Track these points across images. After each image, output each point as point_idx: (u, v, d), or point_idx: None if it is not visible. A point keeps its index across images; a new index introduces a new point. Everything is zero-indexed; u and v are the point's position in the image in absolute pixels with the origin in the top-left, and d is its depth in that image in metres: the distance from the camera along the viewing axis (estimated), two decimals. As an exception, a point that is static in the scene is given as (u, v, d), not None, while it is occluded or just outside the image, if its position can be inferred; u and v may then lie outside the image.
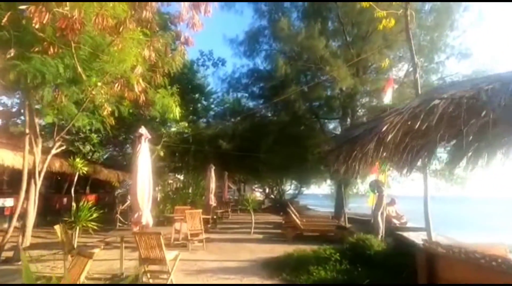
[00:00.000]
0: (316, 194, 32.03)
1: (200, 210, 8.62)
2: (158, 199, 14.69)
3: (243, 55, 15.66)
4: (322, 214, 15.72)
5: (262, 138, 15.62)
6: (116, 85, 5.62)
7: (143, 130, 5.66)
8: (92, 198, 18.66)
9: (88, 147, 10.48)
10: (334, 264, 5.70)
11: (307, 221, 11.22)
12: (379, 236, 6.94)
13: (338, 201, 15.15)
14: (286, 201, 25.84)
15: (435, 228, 9.52)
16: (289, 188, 27.83)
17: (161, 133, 11.98)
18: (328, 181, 22.10)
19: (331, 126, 16.82)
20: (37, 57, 4.69)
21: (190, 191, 19.17)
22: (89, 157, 17.64)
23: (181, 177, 23.57)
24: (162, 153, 11.82)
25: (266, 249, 8.43)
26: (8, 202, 10.56)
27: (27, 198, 5.81)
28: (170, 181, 26.92)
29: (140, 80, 5.83)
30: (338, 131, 16.10)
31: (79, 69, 5.14)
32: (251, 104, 16.68)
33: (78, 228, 7.28)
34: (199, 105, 17.82)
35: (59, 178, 14.37)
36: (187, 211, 8.49)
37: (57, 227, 5.20)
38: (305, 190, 27.29)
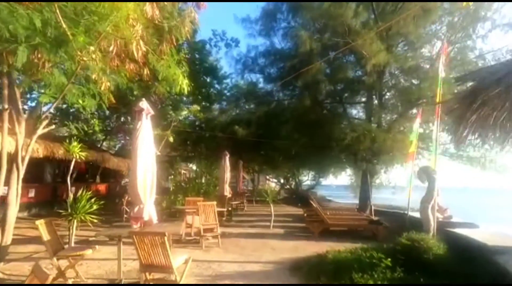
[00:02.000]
0: (330, 185, 30.81)
1: (214, 202, 7.55)
2: (171, 189, 13.75)
3: (259, 34, 14.37)
4: (347, 207, 14.49)
5: (279, 125, 14.41)
6: (112, 48, 4.50)
7: (144, 103, 4.56)
8: (102, 187, 17.99)
9: (86, 129, 9.47)
10: (384, 271, 4.51)
11: (332, 214, 10.05)
12: (430, 234, 5.71)
13: (363, 192, 13.86)
14: (304, 192, 24.79)
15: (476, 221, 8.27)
16: (306, 178, 26.61)
17: (171, 117, 10.90)
18: (348, 171, 20.89)
19: (354, 111, 15.42)
20: (4, 5, 3.62)
21: (203, 181, 18.28)
22: (99, 145, 16.90)
23: (194, 167, 22.71)
24: (172, 139, 10.77)
25: (290, 247, 7.32)
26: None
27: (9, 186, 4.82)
28: (184, 171, 26.19)
29: (141, 43, 4.69)
30: (363, 117, 14.70)
31: (64, 25, 4.05)
32: (268, 87, 15.42)
33: (75, 221, 6.32)
34: (211, 89, 16.66)
35: (67, 166, 13.57)
36: (200, 203, 7.42)
37: (39, 223, 4.18)
38: (323, 181, 26.03)
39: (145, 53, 5.01)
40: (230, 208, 11.57)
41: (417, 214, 9.43)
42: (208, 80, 16.42)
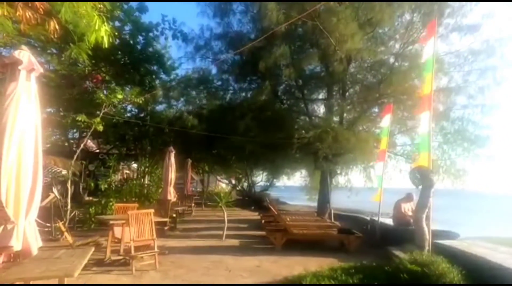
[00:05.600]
0: (281, 186, 30.04)
1: (151, 210, 5.74)
2: (102, 192, 11.42)
3: (213, 15, 12.65)
4: (306, 211, 13.40)
5: (234, 120, 12.81)
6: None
7: (23, 54, 2.72)
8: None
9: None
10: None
11: (293, 220, 8.76)
12: (425, 250, 4.60)
13: (322, 194, 12.88)
14: (257, 193, 23.48)
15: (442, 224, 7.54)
16: (260, 179, 25.36)
17: (99, 100, 8.69)
18: (304, 172, 20.06)
19: (316, 107, 14.37)
20: None
21: (145, 182, 16.04)
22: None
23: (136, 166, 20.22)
24: (101, 128, 8.63)
25: (250, 266, 5.78)
26: None
27: None
28: (127, 171, 23.33)
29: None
30: (325, 113, 13.71)
31: None
32: (223, 77, 13.74)
33: None
34: (157, 80, 14.55)
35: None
36: (131, 212, 5.56)
37: None
38: (276, 182, 24.97)
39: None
40: (174, 215, 9.73)
41: (388, 220, 8.57)
42: (152, 68, 14.28)
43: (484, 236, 10.06)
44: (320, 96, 14.07)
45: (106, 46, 3.57)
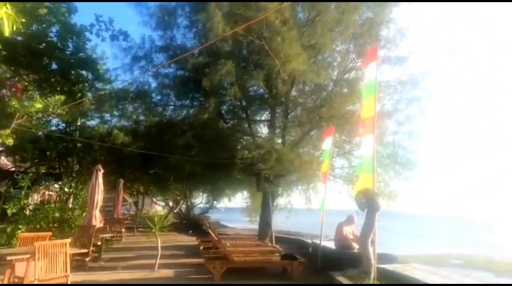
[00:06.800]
0: (220, 208, 29.34)
1: (67, 241, 4.79)
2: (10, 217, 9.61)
3: (156, 28, 12.02)
4: (247, 235, 12.90)
5: (174, 139, 12.04)
6: None
7: None
8: None
9: None
10: None
11: (234, 245, 8.25)
12: (371, 277, 4.45)
13: (264, 217, 12.58)
14: (196, 216, 22.36)
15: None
16: (199, 201, 24.31)
17: (11, 109, 7.35)
18: (245, 193, 19.71)
19: (258, 128, 14.27)
20: None
21: (69, 205, 14.14)
22: None
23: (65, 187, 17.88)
24: (11, 141, 7.28)
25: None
26: None
27: None
28: (50, 192, 20.49)
29: None
30: (267, 134, 13.65)
31: None
32: (163, 91, 12.92)
33: None
34: (90, 90, 13.11)
35: None
36: (38, 243, 4.55)
37: None
38: (217, 204, 24.15)
39: None
40: (99, 243, 8.52)
41: (329, 244, 8.50)
42: (83, 74, 12.85)
43: (404, 255, 10.69)
44: (264, 117, 14.08)
45: (7, 34, 2.84)
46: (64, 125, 16.30)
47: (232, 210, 28.39)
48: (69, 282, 4.59)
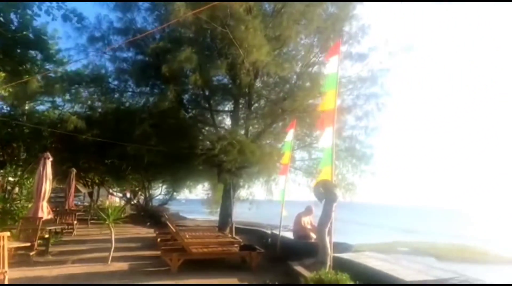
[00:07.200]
0: (180, 200, 28.92)
1: (5, 234, 4.39)
2: None
3: (114, 9, 11.29)
4: (207, 226, 12.75)
5: (132, 127, 11.48)
6: None
7: None
8: None
9: None
10: None
11: (193, 237, 8.12)
12: (327, 266, 4.58)
13: (224, 208, 12.55)
14: (155, 208, 21.76)
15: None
16: (158, 192, 23.66)
17: None
18: (206, 185, 19.50)
19: (221, 118, 14.05)
20: None
21: (14, 195, 13.06)
22: None
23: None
24: None
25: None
26: None
27: None
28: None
29: None
30: (230, 125, 13.50)
31: None
32: (121, 77, 12.19)
33: None
34: (36, 68, 11.98)
35: None
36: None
37: None
38: (177, 195, 23.66)
39: None
40: (47, 235, 7.96)
41: (288, 234, 8.66)
42: (31, 54, 11.74)
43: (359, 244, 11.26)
44: (227, 108, 13.91)
45: None
46: (8, 108, 15.00)
47: (193, 201, 28.02)
48: (6, 279, 4.22)
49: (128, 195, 23.62)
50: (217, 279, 5.84)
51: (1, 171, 14.96)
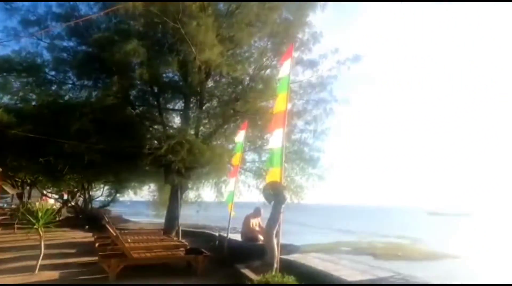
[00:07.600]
0: (124, 202, 27.51)
1: None
2: None
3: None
4: (151, 229, 12.15)
5: (71, 122, 10.52)
6: None
7: None
8: None
9: None
10: None
11: (135, 241, 7.68)
12: (274, 268, 4.56)
13: (171, 210, 12.12)
14: (95, 210, 20.30)
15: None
16: (100, 193, 22.14)
17: None
18: (152, 186, 18.71)
19: (170, 117, 13.55)
20: None
21: None
22: None
23: None
24: None
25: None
26: None
27: None
28: None
29: None
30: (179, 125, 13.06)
31: None
32: (60, 68, 11.12)
33: None
34: None
35: None
36: None
37: None
38: (121, 197, 22.38)
39: None
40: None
41: (236, 236, 8.56)
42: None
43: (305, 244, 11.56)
44: (177, 107, 13.47)
45: None
46: None
47: (138, 203, 26.76)
48: None
49: (65, 196, 21.74)
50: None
51: None
